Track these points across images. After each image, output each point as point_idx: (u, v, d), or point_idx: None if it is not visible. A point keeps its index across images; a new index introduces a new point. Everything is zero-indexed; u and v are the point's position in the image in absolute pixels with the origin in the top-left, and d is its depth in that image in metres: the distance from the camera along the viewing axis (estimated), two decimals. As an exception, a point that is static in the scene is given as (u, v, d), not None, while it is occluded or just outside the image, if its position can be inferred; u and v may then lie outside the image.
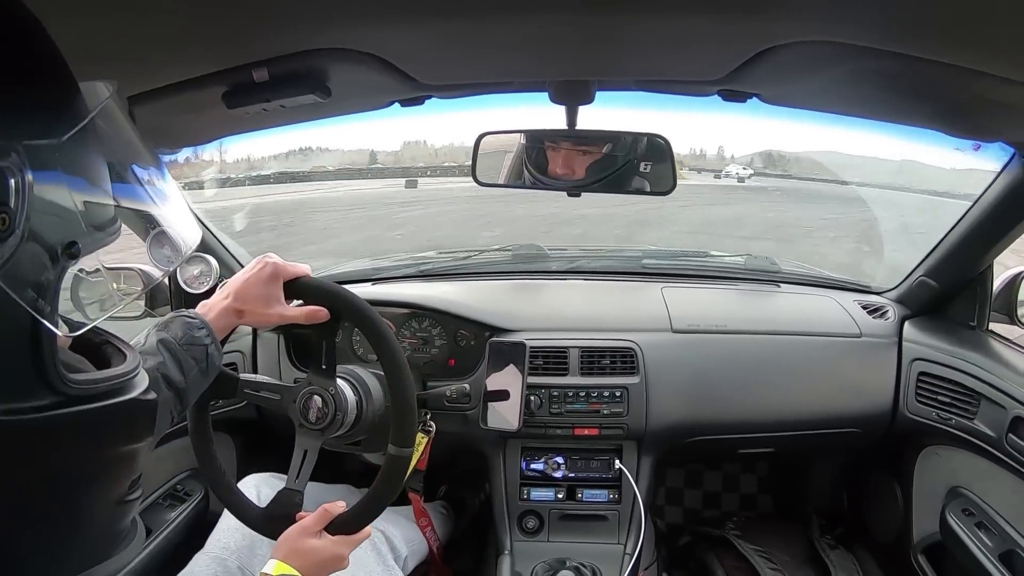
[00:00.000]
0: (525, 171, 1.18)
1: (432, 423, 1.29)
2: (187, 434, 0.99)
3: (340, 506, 0.92)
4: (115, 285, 1.45)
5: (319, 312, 0.91)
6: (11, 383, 0.35)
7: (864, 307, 1.47)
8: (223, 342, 0.85)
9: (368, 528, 0.94)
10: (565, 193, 1.18)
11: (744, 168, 11.04)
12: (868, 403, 1.38)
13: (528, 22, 0.67)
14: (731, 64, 0.79)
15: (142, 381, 0.44)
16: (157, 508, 1.32)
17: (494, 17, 0.65)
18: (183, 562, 1.34)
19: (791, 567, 1.49)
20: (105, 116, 0.39)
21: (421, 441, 1.27)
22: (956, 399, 1.25)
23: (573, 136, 1.12)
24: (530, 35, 0.72)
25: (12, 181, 0.33)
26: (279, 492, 0.95)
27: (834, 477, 1.70)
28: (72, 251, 0.36)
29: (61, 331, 0.36)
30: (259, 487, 1.15)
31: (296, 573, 0.82)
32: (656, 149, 1.13)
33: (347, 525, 0.91)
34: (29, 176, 0.33)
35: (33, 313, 0.34)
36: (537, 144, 1.17)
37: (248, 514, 0.97)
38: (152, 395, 0.43)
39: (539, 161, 1.17)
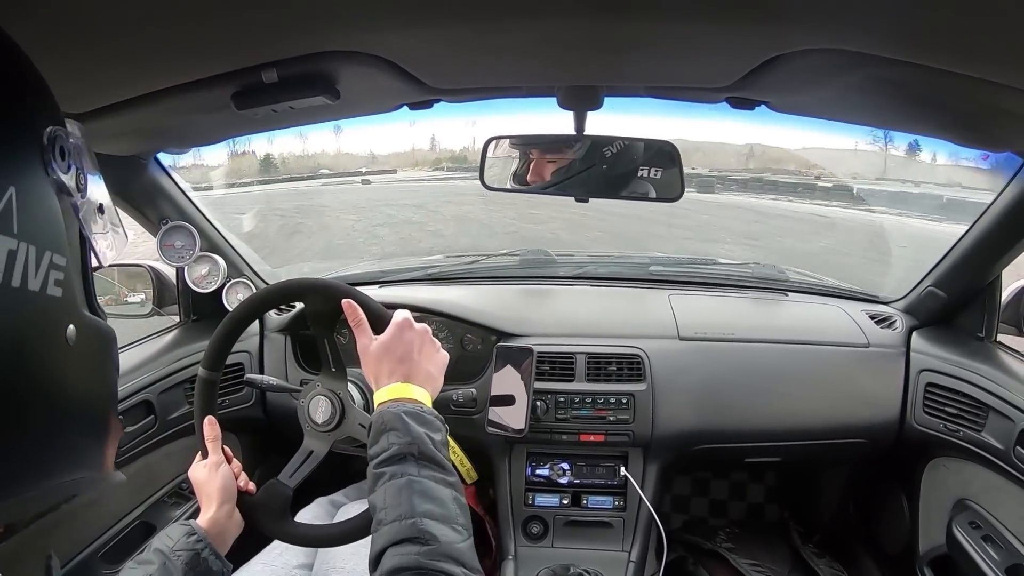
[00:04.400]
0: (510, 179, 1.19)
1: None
2: (193, 434, 0.99)
3: None
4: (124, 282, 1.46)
5: None
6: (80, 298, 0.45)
7: (872, 317, 1.47)
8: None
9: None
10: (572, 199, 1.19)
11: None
12: (875, 413, 1.37)
13: (536, 27, 0.67)
14: (739, 72, 0.79)
15: None
16: (162, 506, 1.32)
17: (502, 22, 0.66)
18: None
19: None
20: None
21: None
22: (964, 411, 1.24)
23: (580, 141, 1.12)
24: (538, 40, 0.72)
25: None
26: (268, 483, 0.94)
27: (841, 488, 1.69)
28: (103, 209, 0.47)
29: (103, 260, 0.48)
30: (323, 506, 1.19)
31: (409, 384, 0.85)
32: (663, 156, 1.12)
33: None
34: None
35: (91, 242, 0.45)
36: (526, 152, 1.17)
37: (240, 501, 0.96)
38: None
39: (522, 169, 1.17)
